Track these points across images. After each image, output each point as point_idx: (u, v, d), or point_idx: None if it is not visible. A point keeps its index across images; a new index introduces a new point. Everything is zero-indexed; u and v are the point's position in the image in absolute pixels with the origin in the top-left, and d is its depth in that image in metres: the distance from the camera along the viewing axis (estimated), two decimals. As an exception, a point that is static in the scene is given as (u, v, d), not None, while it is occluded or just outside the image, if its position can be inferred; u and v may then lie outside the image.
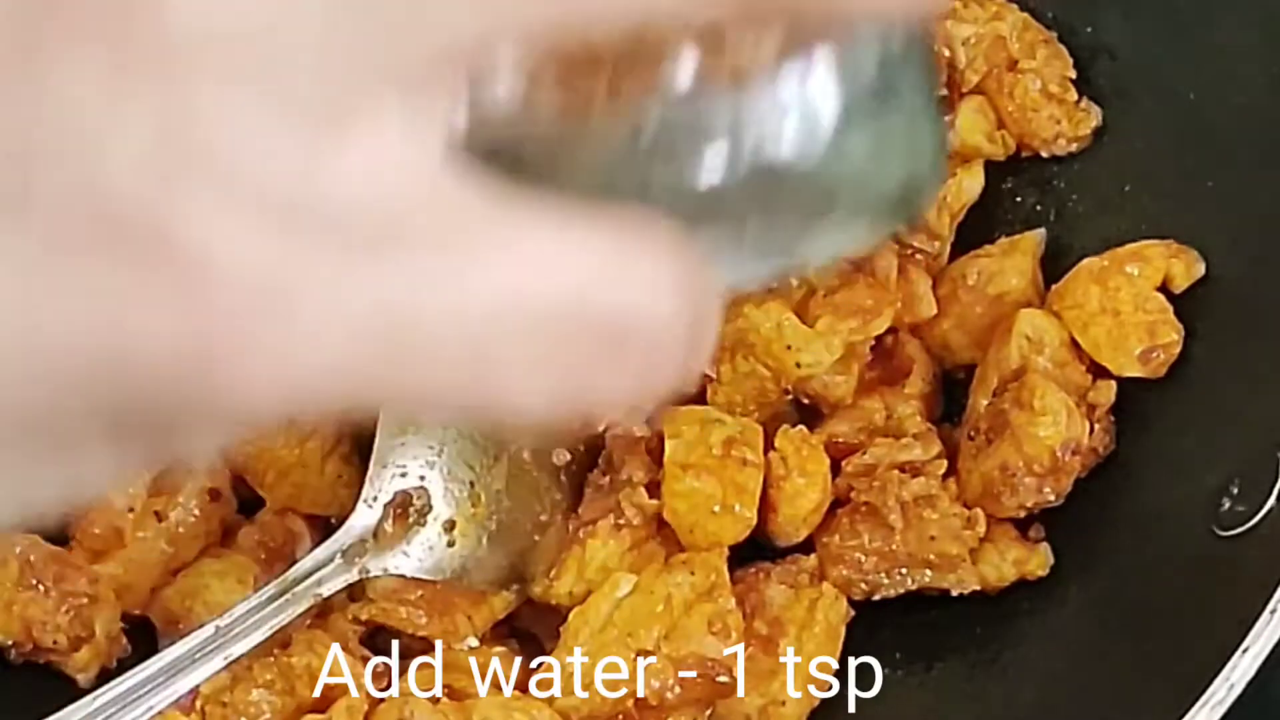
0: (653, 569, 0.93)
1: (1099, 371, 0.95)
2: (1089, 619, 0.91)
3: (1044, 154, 1.03)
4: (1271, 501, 0.86)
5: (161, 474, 0.96)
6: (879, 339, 0.98)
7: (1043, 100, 1.02)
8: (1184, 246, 0.95)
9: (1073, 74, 1.02)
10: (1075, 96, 1.03)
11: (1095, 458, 0.94)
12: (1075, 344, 0.96)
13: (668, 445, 0.94)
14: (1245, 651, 0.81)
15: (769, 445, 0.95)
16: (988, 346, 0.97)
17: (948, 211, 1.01)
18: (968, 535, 0.93)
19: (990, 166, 1.03)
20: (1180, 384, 0.94)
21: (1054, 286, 0.98)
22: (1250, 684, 0.81)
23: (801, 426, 0.97)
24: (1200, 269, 0.94)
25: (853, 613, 0.95)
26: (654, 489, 0.95)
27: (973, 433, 0.95)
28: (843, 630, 0.94)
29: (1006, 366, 0.95)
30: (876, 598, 0.95)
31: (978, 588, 0.93)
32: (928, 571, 0.94)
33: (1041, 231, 1.02)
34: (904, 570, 0.94)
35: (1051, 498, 0.93)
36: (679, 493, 0.94)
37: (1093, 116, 1.02)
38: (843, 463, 0.96)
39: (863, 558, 0.95)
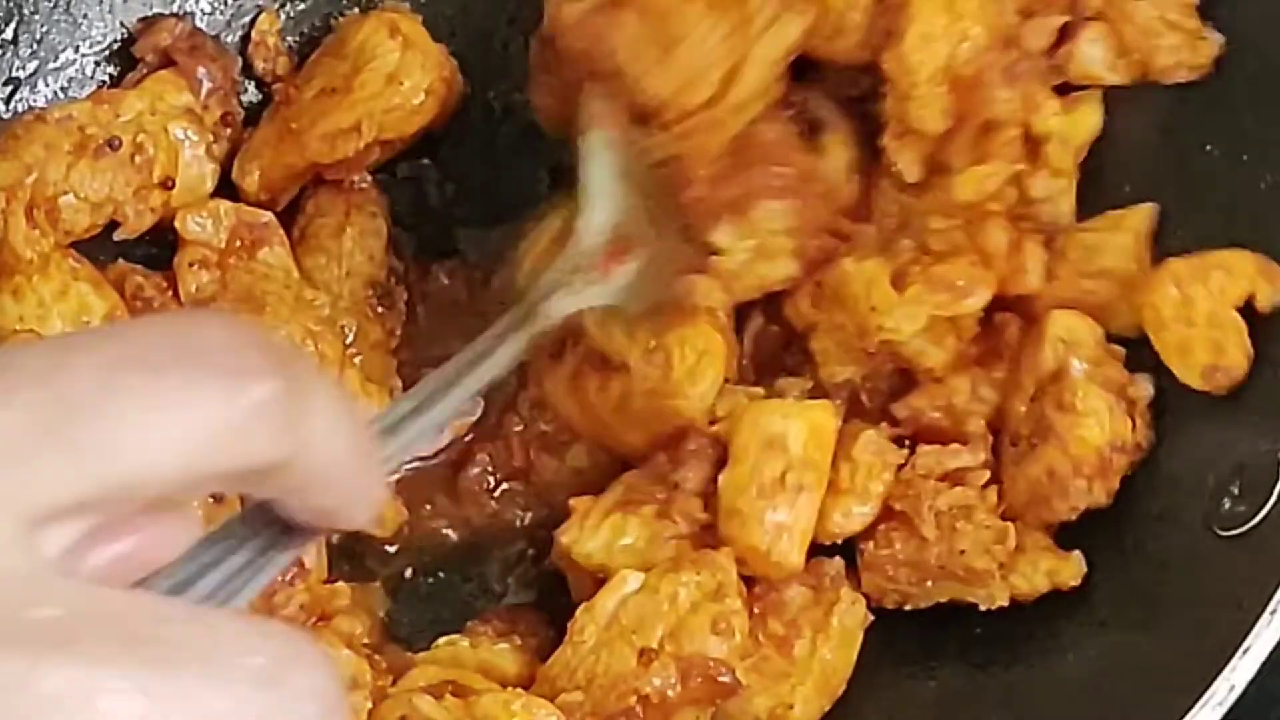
0: (660, 569, 0.95)
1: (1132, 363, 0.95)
2: (1090, 619, 0.92)
3: (1164, 82, 1.01)
4: (1272, 502, 0.85)
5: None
6: (988, 315, 0.98)
7: (1164, 27, 1.00)
8: (1275, 264, 0.92)
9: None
10: (1197, 23, 1.00)
11: (1139, 453, 0.94)
12: (1109, 340, 0.96)
13: (727, 470, 0.96)
14: (1246, 652, 0.82)
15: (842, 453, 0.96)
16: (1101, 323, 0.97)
17: (1070, 147, 1.00)
18: (997, 550, 0.93)
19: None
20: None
21: (1145, 274, 0.96)
22: (1251, 684, 0.82)
23: (881, 434, 0.97)
24: None
25: (871, 618, 0.96)
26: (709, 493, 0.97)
27: (1014, 439, 0.95)
28: (859, 635, 0.96)
29: (1042, 370, 0.95)
30: (908, 608, 0.96)
31: (1005, 604, 0.94)
32: (956, 585, 0.95)
33: (1151, 206, 0.99)
34: (932, 582, 0.95)
35: (1102, 499, 0.93)
36: (734, 519, 0.95)
37: (1213, 44, 0.99)
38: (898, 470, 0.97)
39: (894, 568, 0.96)
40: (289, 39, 1.13)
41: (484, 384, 0.86)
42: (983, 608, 0.94)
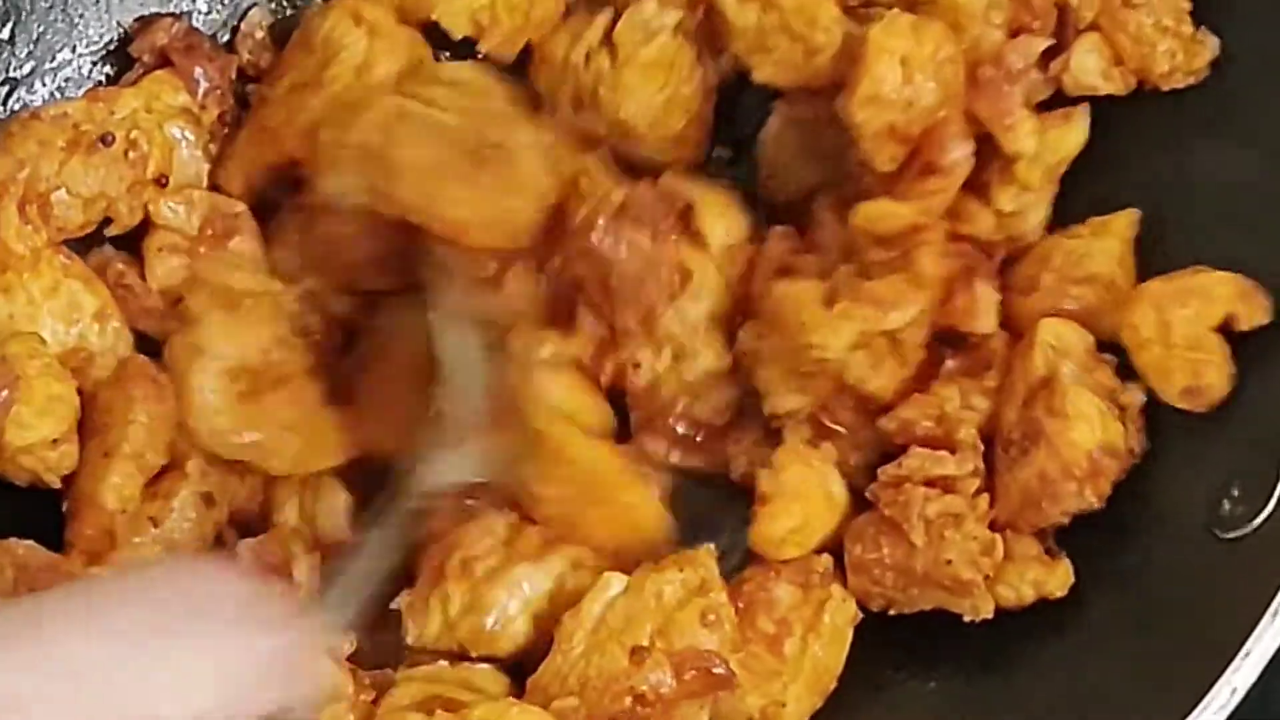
0: (643, 569, 0.95)
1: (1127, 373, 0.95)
2: (1090, 622, 0.91)
3: (1162, 88, 1.01)
4: (1271, 505, 0.86)
5: (155, 479, 0.99)
6: (965, 331, 0.98)
7: (1159, 34, 1.01)
8: (1255, 287, 0.93)
9: (1188, 5, 1.01)
10: (1191, 28, 1.00)
11: (1132, 459, 0.94)
12: (1100, 348, 0.96)
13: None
14: (1247, 655, 0.82)
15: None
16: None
17: (1040, 165, 1.00)
18: (984, 561, 0.93)
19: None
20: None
21: (1127, 291, 0.96)
22: (1253, 687, 0.82)
23: (802, 444, 0.98)
24: (1265, 317, 0.92)
25: (861, 615, 0.96)
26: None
27: (1006, 445, 0.95)
28: (850, 633, 0.96)
29: (1033, 376, 0.95)
30: (892, 612, 0.96)
31: (989, 617, 0.93)
32: (941, 594, 0.94)
33: (1135, 211, 0.99)
34: (918, 590, 0.95)
35: (1094, 501, 0.93)
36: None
37: (1209, 48, 1.00)
38: (878, 470, 0.97)
39: (881, 571, 0.96)
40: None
41: (374, 571, 0.90)
42: (966, 619, 0.93)
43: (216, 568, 0.72)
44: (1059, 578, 0.93)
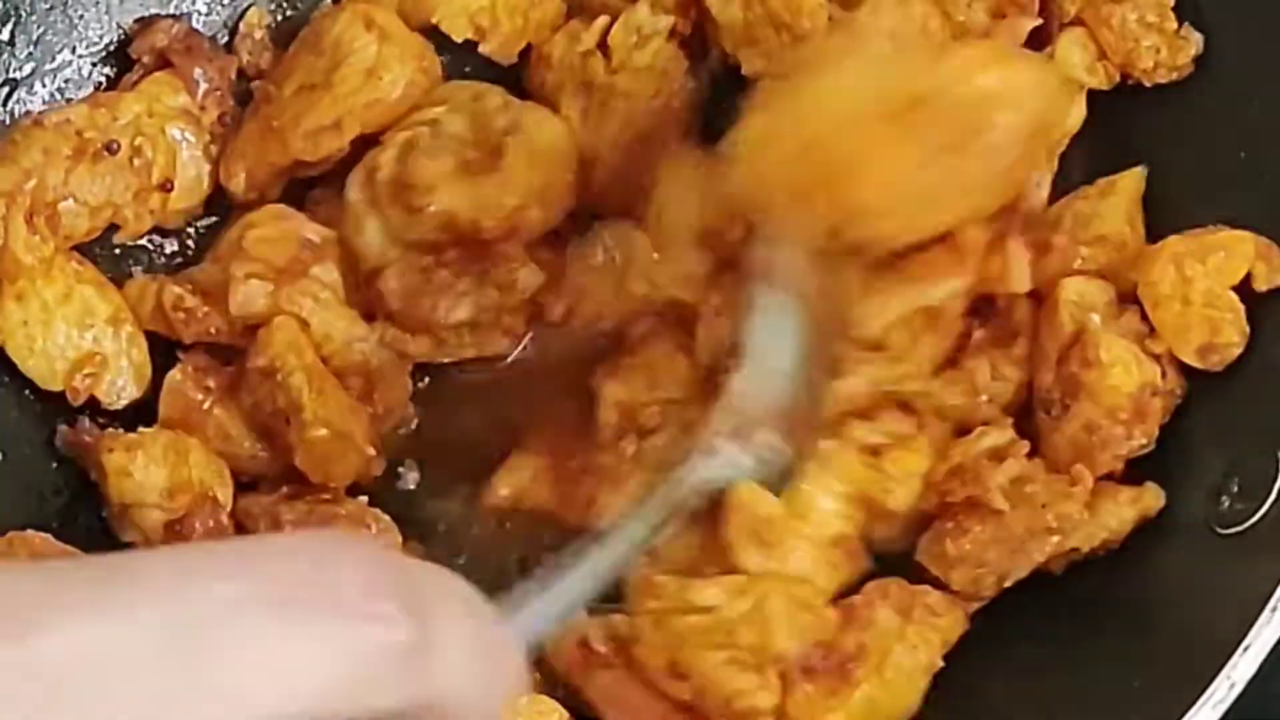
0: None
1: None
2: (1089, 617, 0.92)
3: (1146, 83, 1.02)
4: (1271, 500, 0.87)
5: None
6: (993, 301, 0.98)
7: (1142, 30, 1.02)
8: (1274, 246, 0.94)
9: (1171, 0, 1.02)
10: (1175, 24, 1.02)
11: (1174, 399, 0.94)
12: (1121, 300, 0.96)
13: None
14: (1246, 650, 0.82)
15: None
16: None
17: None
18: (1078, 491, 0.92)
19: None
20: (1180, 385, 0.94)
21: (1142, 251, 0.97)
22: (1251, 681, 0.82)
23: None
24: None
25: (941, 665, 0.92)
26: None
27: (1047, 407, 0.95)
28: (922, 683, 0.92)
29: (1062, 334, 0.96)
30: (1009, 583, 0.93)
31: (1106, 537, 0.92)
32: (1052, 538, 0.92)
33: (1141, 170, 1.00)
34: (1025, 548, 0.92)
35: (1143, 441, 0.93)
36: None
37: (1192, 44, 1.01)
38: (933, 472, 0.96)
39: (981, 550, 0.93)
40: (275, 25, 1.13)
41: (618, 558, 0.86)
42: (1084, 549, 0.91)
43: (358, 545, 0.62)
44: (1151, 494, 0.91)
